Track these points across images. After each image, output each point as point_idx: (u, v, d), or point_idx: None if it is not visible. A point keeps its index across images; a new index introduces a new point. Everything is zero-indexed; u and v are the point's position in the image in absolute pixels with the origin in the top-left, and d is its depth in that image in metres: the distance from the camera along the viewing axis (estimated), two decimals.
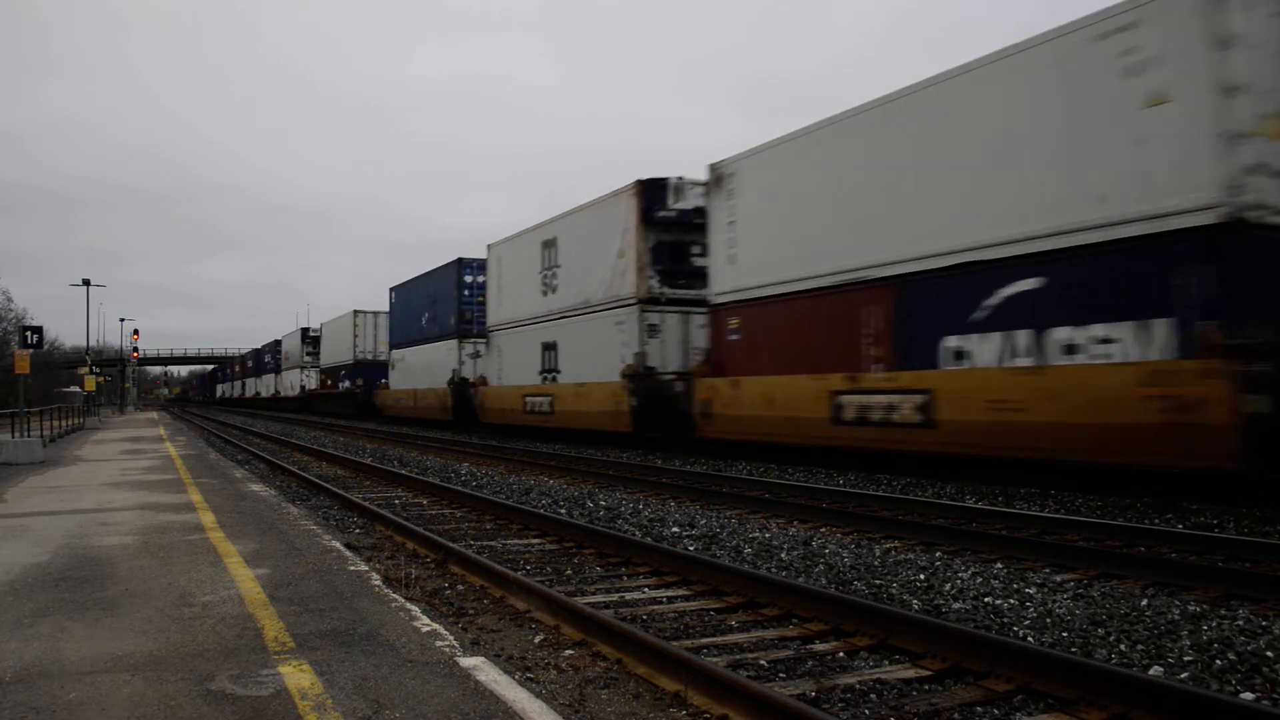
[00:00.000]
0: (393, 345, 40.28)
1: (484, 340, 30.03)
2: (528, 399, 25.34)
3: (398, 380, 38.90)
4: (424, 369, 34.78)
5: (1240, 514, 9.82)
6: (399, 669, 4.44)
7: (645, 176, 20.95)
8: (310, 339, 62.03)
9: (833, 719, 4.19)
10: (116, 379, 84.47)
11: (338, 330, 51.06)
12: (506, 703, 3.96)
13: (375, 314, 47.06)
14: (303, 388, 61.41)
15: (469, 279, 31.95)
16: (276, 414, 62.18)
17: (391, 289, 40.34)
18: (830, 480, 13.89)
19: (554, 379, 24.21)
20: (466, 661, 4.56)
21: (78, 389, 54.11)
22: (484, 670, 4.42)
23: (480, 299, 31.03)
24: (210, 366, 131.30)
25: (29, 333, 27.05)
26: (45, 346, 52.17)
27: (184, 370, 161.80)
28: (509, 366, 27.29)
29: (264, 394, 77.84)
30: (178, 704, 3.98)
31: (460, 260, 31.94)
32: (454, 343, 32.02)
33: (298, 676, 4.32)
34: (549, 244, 24.99)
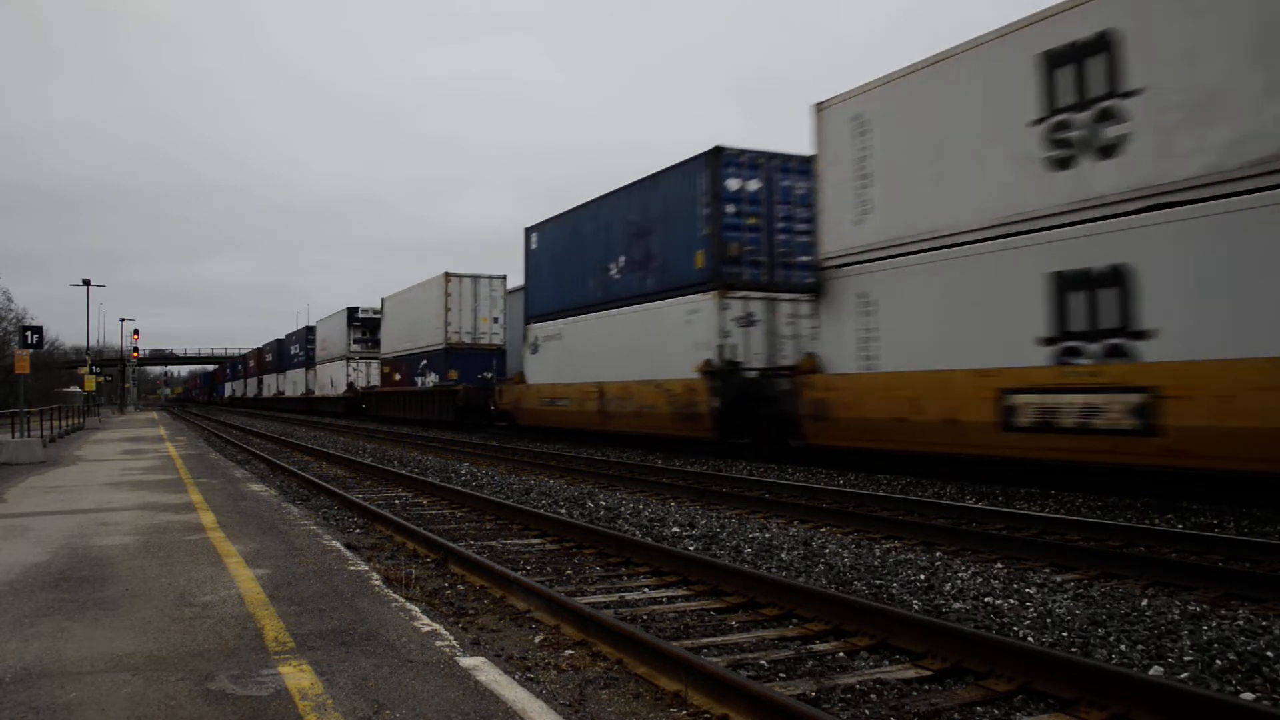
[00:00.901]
0: (534, 316, 25.77)
1: (770, 294, 18.01)
2: (1026, 401, 11.46)
3: (547, 370, 24.73)
4: (620, 348, 20.77)
5: (1240, 514, 9.82)
6: (399, 669, 4.44)
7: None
8: (360, 322, 48.78)
9: (833, 719, 4.19)
10: (116, 379, 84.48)
11: (415, 304, 37.10)
12: (506, 703, 3.96)
13: (475, 279, 33.94)
14: (351, 385, 47.98)
15: (734, 184, 18.03)
16: (309, 418, 49.85)
17: (530, 230, 26.34)
18: (830, 480, 13.88)
19: (1120, 349, 10.54)
20: (466, 661, 4.56)
21: (78, 389, 54.12)
22: (484, 670, 4.42)
23: (752, 220, 18.14)
24: (211, 367, 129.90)
25: (29, 333, 27.08)
26: (45, 346, 52.11)
27: (184, 370, 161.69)
28: (897, 334, 13.54)
29: (290, 393, 64.42)
30: (178, 704, 3.98)
31: (719, 151, 17.91)
32: (705, 300, 17.87)
33: (298, 676, 4.32)
34: (1077, 53, 11.13)
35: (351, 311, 49.10)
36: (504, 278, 34.41)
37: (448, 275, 33.66)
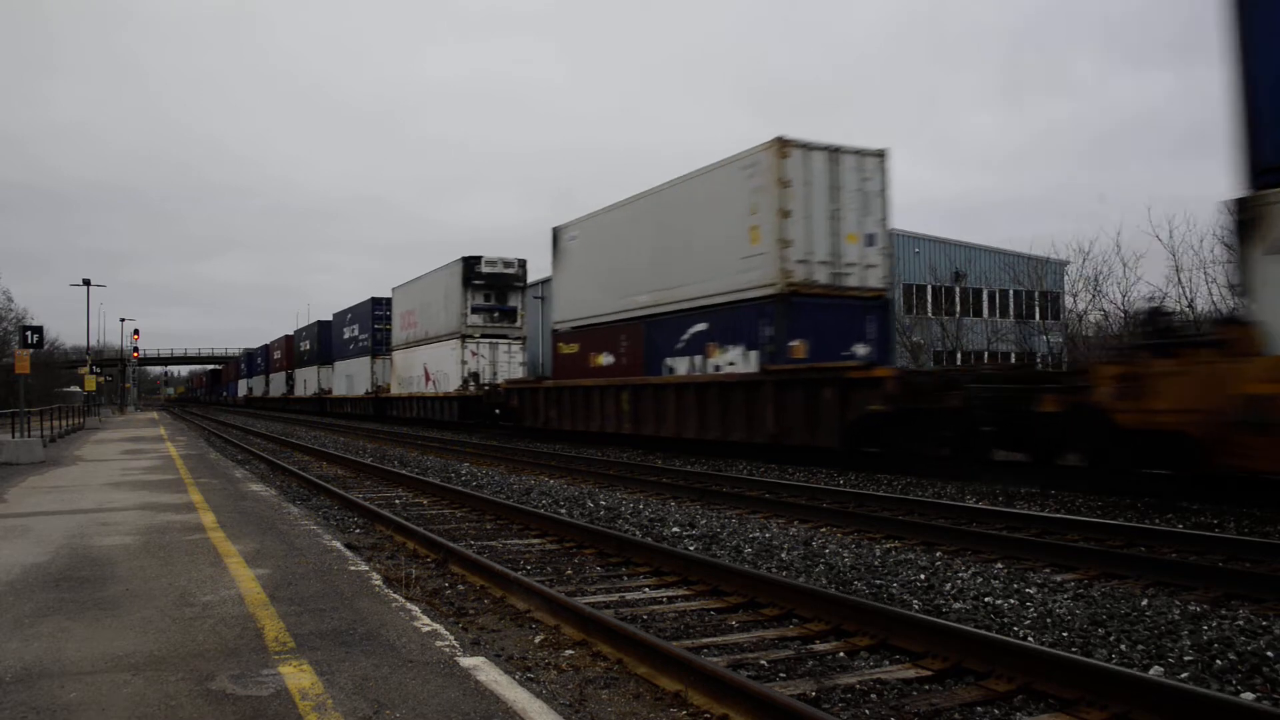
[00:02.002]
0: None
1: None
2: None
3: None
4: None
5: (1240, 514, 9.82)
6: (399, 669, 4.44)
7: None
8: (486, 279, 31.39)
9: (833, 719, 4.19)
10: (117, 379, 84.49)
11: (672, 213, 20.04)
12: (507, 703, 3.96)
13: (834, 154, 17.57)
14: (472, 378, 30.94)
15: None
16: (382, 429, 33.01)
17: None
18: (830, 480, 13.88)
19: None
20: (467, 661, 4.56)
21: (78, 389, 54.14)
22: (484, 670, 4.42)
23: None
24: (212, 366, 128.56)
25: (29, 333, 27.08)
26: (45, 346, 52.06)
27: (185, 370, 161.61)
28: None
29: (341, 391, 48.34)
30: (178, 704, 3.98)
31: None
32: None
33: (298, 676, 4.32)
34: None
35: (470, 264, 31.18)
36: (881, 154, 17.99)
37: (782, 143, 16.96)
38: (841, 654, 5.22)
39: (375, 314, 42.98)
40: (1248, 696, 4.35)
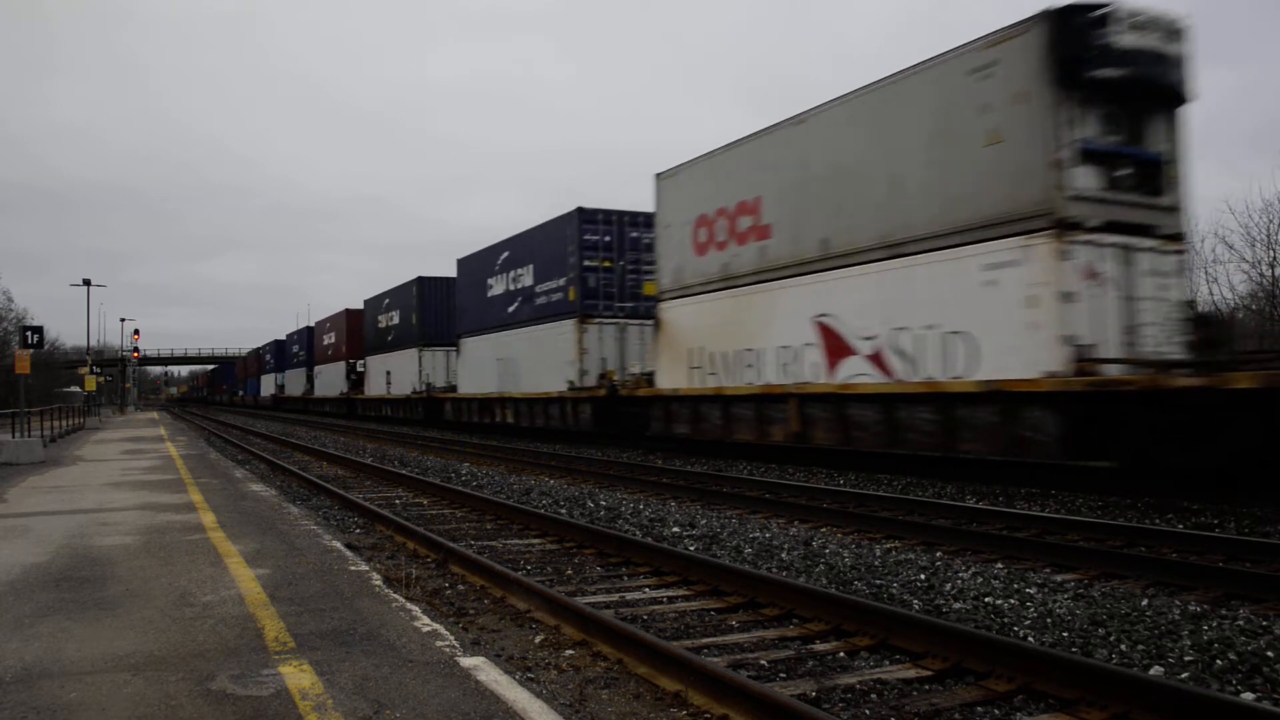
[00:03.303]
0: None
1: None
2: None
3: None
4: None
5: (1240, 514, 9.82)
6: (399, 669, 4.44)
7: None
8: (1116, 67, 10.71)
9: (833, 719, 4.19)
10: (117, 379, 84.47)
11: None
12: (507, 703, 3.96)
13: None
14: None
15: None
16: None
17: None
18: (831, 480, 13.88)
19: None
20: (467, 661, 4.56)
21: (78, 389, 54.13)
22: (484, 670, 4.42)
23: None
24: (211, 366, 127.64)
25: (29, 333, 27.05)
26: (45, 346, 51.96)
27: (184, 370, 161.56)
28: None
29: (474, 388, 29.52)
30: (178, 704, 3.98)
31: None
32: None
33: (298, 676, 4.32)
34: None
35: (1078, 23, 10.86)
36: None
37: None
38: (841, 654, 5.22)
39: (584, 239, 23.05)
40: (1248, 696, 4.35)
